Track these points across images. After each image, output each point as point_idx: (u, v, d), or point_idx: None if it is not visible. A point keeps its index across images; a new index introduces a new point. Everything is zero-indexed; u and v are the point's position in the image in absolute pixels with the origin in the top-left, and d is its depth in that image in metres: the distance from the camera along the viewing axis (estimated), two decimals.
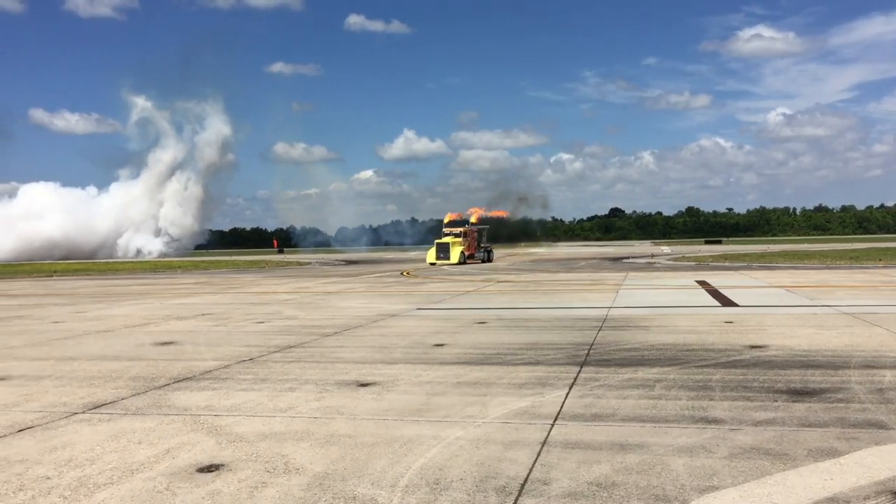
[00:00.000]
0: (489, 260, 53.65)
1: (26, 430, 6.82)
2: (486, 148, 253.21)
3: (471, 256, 52.10)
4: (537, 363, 9.87)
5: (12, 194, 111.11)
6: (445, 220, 56.13)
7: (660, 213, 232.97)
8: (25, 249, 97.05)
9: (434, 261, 50.28)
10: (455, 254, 50.04)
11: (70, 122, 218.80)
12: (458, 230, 52.13)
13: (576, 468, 5.37)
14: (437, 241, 51.83)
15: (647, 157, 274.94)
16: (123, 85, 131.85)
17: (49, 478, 5.41)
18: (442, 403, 7.57)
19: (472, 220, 56.34)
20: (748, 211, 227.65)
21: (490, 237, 56.17)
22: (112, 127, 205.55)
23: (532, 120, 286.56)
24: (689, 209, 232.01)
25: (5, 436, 6.64)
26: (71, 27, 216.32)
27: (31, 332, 14.94)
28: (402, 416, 7.05)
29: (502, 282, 29.39)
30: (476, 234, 53.54)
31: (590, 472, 5.28)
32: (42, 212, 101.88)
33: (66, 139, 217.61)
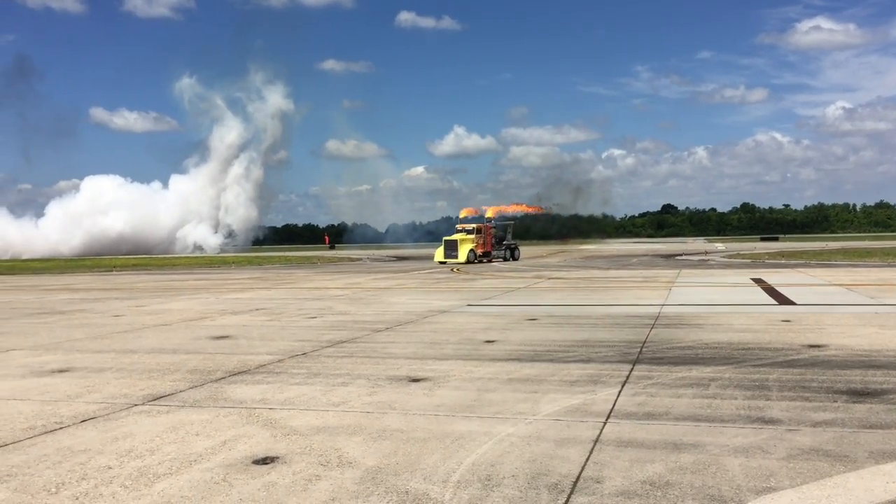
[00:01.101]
0: (513, 258, 50.12)
1: (89, 421, 7.02)
2: (536, 144, 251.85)
3: (486, 255, 48.68)
4: (589, 360, 9.81)
5: (76, 191, 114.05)
6: (461, 216, 53.22)
7: (714, 210, 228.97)
8: (93, 244, 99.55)
9: (443, 259, 46.92)
10: (463, 252, 46.28)
11: (129, 120, 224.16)
12: (471, 226, 48.74)
13: (629, 467, 5.32)
14: (445, 238, 48.32)
15: (700, 152, 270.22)
16: (183, 74, 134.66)
17: (111, 467, 5.57)
18: (493, 400, 7.57)
19: (489, 214, 52.95)
20: (806, 207, 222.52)
21: (540, 234, 55.35)
22: (169, 125, 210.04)
23: (583, 115, 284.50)
24: (745, 205, 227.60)
25: (69, 426, 6.85)
26: (129, 27, 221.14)
27: (93, 325, 15.36)
28: (454, 412, 7.07)
29: (553, 278, 29.23)
30: (494, 231, 50.40)
31: (643, 471, 5.24)
32: (108, 207, 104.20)
33: (126, 137, 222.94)
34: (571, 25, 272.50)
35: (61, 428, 6.76)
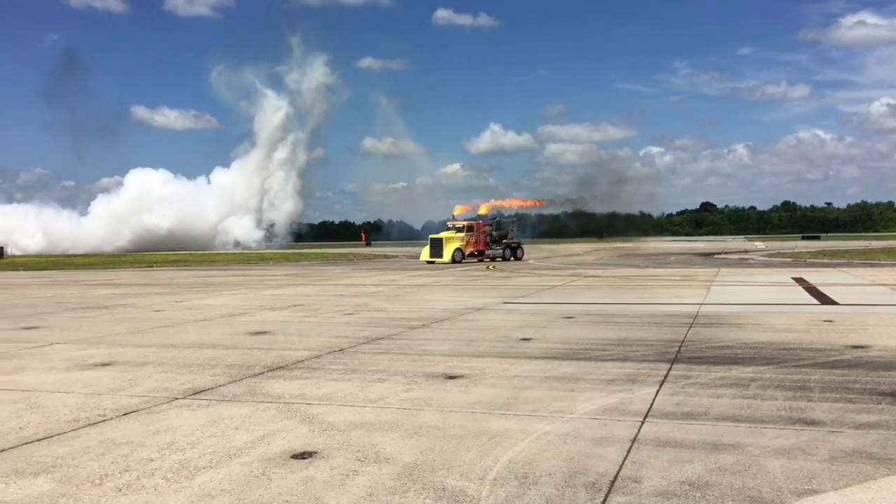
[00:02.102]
0: (515, 257, 46.59)
1: (131, 414, 7.15)
2: (573, 141, 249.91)
3: (478, 254, 45.78)
4: (626, 359, 9.74)
5: (121, 186, 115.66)
6: (454, 213, 49.95)
7: (753, 208, 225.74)
8: (139, 240, 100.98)
9: (429, 258, 44.14)
10: (448, 251, 43.52)
11: (169, 118, 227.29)
12: (462, 223, 45.76)
13: (667, 467, 5.27)
14: (431, 236, 45.70)
15: (740, 149, 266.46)
16: (224, 66, 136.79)
17: (152, 460, 5.66)
18: (529, 398, 7.56)
19: (482, 211, 50.24)
20: (849, 206, 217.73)
21: (578, 230, 54.49)
22: (209, 122, 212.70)
23: (621, 113, 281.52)
24: (785, 203, 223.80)
25: (112, 419, 6.98)
26: (170, 26, 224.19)
27: (135, 319, 15.62)
28: (490, 410, 7.07)
29: (589, 276, 29.06)
30: (489, 229, 47.21)
31: (682, 471, 5.19)
32: (154, 203, 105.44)
33: (166, 135, 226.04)
34: (608, 22, 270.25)
35: (104, 420, 6.89)
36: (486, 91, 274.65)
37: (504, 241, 47.25)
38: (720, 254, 54.20)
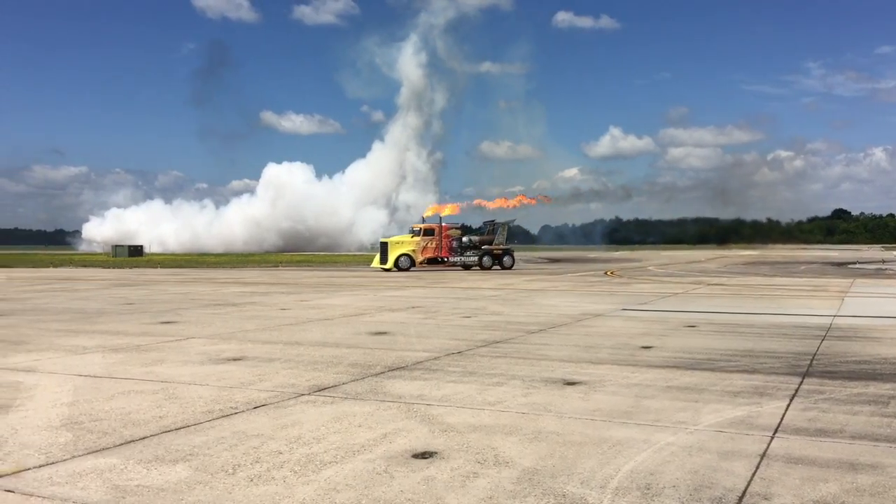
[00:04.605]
0: (500, 266, 42.20)
1: (260, 408, 7.45)
2: (696, 145, 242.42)
3: (441, 261, 41.99)
4: (753, 371, 9.38)
5: (250, 190, 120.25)
6: (424, 215, 46.36)
7: (892, 216, 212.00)
8: (278, 238, 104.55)
9: (377, 265, 40.96)
10: (392, 256, 40.34)
11: (295, 122, 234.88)
12: (420, 227, 42.36)
13: (799, 485, 5.05)
14: (381, 240, 43.23)
15: (878, 153, 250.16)
16: (352, 71, 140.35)
17: (281, 452, 5.88)
18: (651, 407, 7.40)
19: (446, 212, 46.25)
20: None
21: (697, 237, 52.43)
22: (333, 127, 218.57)
23: (747, 115, 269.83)
24: None
25: (243, 411, 7.30)
26: (297, 34, 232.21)
27: (262, 317, 16.28)
28: (611, 418, 6.96)
29: (713, 284, 28.15)
30: (456, 232, 42.82)
31: (815, 490, 4.95)
32: (291, 200, 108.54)
33: (293, 139, 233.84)
34: (734, 21, 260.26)
35: (236, 413, 7.22)
36: (606, 94, 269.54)
37: (485, 247, 42.59)
38: (855, 263, 51.33)
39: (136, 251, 77.73)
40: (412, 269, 40.66)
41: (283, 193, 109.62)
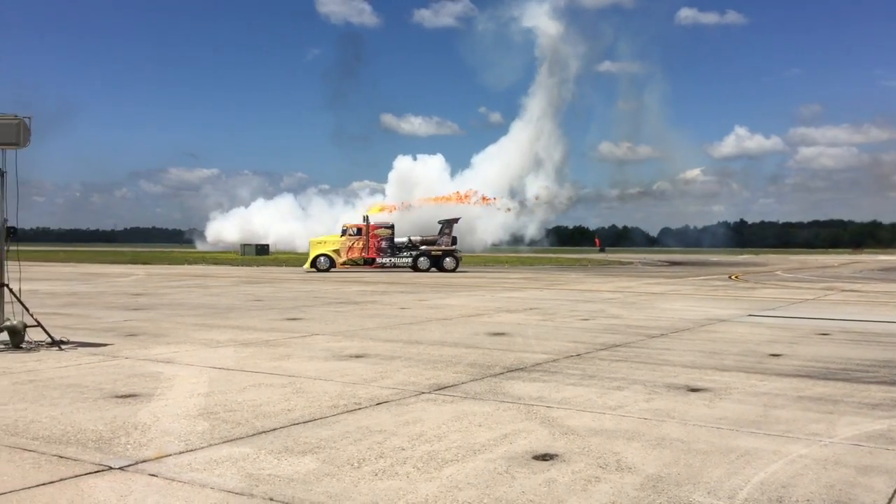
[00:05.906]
0: (440, 268, 40.56)
1: (383, 404, 7.63)
2: (829, 144, 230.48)
3: (367, 262, 40.75)
4: (893, 383, 8.86)
5: (371, 191, 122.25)
6: (365, 214, 44.22)
7: None
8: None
9: (308, 267, 40.03)
10: (310, 257, 39.91)
11: (414, 124, 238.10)
12: (350, 226, 41.19)
13: None
14: (310, 240, 42.44)
15: None
16: (470, 73, 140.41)
17: (403, 449, 6.01)
18: (781, 417, 7.11)
19: (373, 210, 44.82)
20: None
21: (829, 241, 49.79)
22: (450, 129, 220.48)
23: (888, 112, 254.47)
24: None
25: (366, 407, 7.49)
26: (417, 37, 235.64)
27: (383, 315, 16.64)
28: (738, 427, 6.74)
29: (846, 291, 26.72)
30: (384, 232, 41.23)
31: None
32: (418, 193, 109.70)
33: (411, 141, 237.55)
34: (871, 13, 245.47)
35: (360, 409, 7.42)
36: (731, 92, 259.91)
37: (423, 247, 41.18)
38: None
39: (262, 250, 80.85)
40: (332, 269, 39.71)
41: (414, 192, 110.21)
